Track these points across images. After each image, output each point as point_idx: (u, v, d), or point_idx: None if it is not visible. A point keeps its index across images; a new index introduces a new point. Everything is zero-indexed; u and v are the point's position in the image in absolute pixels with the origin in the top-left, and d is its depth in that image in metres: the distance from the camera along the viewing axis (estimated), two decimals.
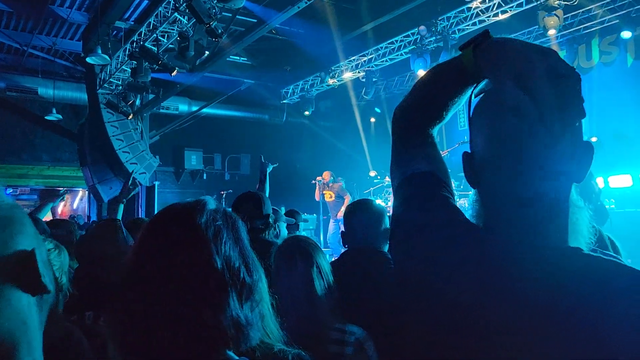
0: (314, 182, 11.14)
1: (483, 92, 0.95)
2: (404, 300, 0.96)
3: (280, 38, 11.45)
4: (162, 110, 13.28)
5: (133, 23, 10.37)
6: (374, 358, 1.87)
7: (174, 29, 8.55)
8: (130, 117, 11.16)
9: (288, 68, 12.21)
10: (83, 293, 1.98)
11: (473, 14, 8.93)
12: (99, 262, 2.12)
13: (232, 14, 8.53)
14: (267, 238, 2.77)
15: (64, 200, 15.28)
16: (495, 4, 8.55)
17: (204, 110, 13.63)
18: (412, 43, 10.18)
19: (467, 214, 0.96)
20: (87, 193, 15.17)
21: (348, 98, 13.63)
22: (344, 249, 2.65)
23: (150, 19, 8.63)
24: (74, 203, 18.82)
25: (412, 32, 9.93)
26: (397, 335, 1.65)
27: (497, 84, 0.87)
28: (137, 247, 1.02)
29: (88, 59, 9.21)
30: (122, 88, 10.87)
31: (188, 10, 7.43)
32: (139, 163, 10.84)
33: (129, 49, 9.44)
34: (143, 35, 8.96)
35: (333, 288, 1.95)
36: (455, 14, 9.09)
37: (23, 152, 13.53)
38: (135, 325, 0.92)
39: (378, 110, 13.69)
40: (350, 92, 13.27)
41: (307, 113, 13.87)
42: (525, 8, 8.43)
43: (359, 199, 2.82)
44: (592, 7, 8.94)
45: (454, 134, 11.16)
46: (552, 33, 8.70)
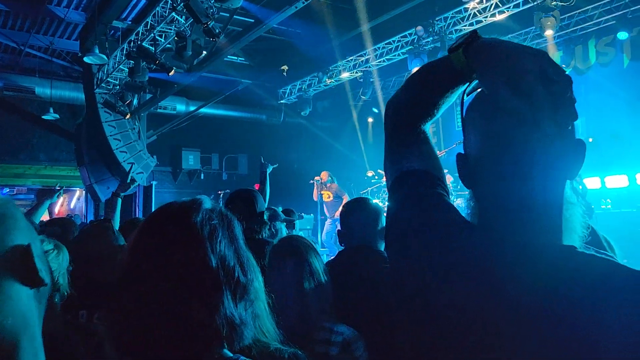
0: (312, 182, 11.15)
1: (475, 91, 0.95)
2: (399, 300, 0.96)
3: (278, 38, 11.44)
4: (159, 110, 13.26)
5: (130, 23, 10.36)
6: (363, 359, 1.83)
7: (172, 29, 8.54)
8: (128, 116, 11.14)
9: (285, 70, 12.19)
10: (79, 292, 1.98)
11: (470, 15, 8.95)
12: (95, 261, 2.11)
13: (229, 14, 8.53)
14: (262, 237, 2.73)
15: (61, 197, 15.23)
16: (492, 5, 8.57)
17: (202, 110, 13.61)
18: (409, 43, 10.20)
19: (463, 213, 0.96)
20: (84, 193, 15.13)
21: (345, 98, 13.64)
22: (341, 249, 2.65)
23: (148, 19, 8.62)
24: (71, 203, 18.78)
25: (409, 32, 9.95)
26: (391, 335, 1.66)
27: (489, 87, 0.87)
28: (132, 246, 1.02)
29: (85, 59, 9.19)
30: (119, 88, 10.85)
31: (185, 10, 7.43)
32: (137, 163, 10.82)
33: (127, 49, 9.43)
34: (140, 35, 8.95)
35: (325, 287, 1.93)
36: (453, 15, 9.11)
37: (20, 151, 13.50)
38: (132, 325, 0.93)
39: (376, 110, 13.69)
40: (348, 92, 13.28)
41: (304, 113, 13.88)
42: (522, 9, 8.45)
43: (355, 198, 2.82)
44: (588, 8, 8.97)
45: (451, 134, 11.17)
46: (549, 34, 8.73)
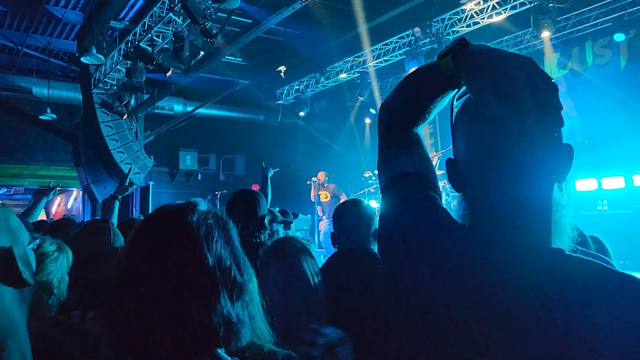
0: (309, 182, 11.16)
1: (464, 96, 0.96)
2: (392, 303, 0.97)
3: (276, 39, 11.45)
4: (157, 111, 13.24)
5: (128, 23, 10.35)
6: None
7: (169, 29, 8.54)
8: (125, 117, 11.13)
9: (282, 72, 12.19)
10: (75, 292, 1.97)
11: (467, 16, 8.97)
12: (92, 261, 2.10)
13: (227, 15, 8.53)
14: (258, 241, 2.70)
15: (57, 194, 15.19)
16: (490, 6, 8.59)
17: (199, 111, 13.61)
18: (406, 45, 10.21)
19: (453, 213, 0.97)
20: (81, 193, 15.11)
21: (343, 99, 13.65)
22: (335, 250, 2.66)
23: (145, 19, 8.62)
24: (68, 203, 18.74)
25: (406, 33, 9.96)
26: (385, 338, 1.66)
27: (476, 94, 0.88)
28: (129, 247, 1.03)
29: (83, 59, 9.17)
30: (116, 88, 10.84)
31: (183, 11, 7.43)
32: (134, 163, 10.81)
33: (124, 49, 9.42)
34: (138, 35, 8.95)
35: (314, 290, 1.91)
36: (450, 16, 9.12)
37: (17, 151, 13.47)
38: (130, 325, 0.93)
39: (373, 111, 13.67)
40: (345, 93, 13.28)
41: (301, 114, 13.88)
42: (519, 10, 8.47)
43: (348, 199, 2.83)
44: (585, 9, 9.00)
45: (448, 136, 11.12)
46: (545, 35, 8.75)
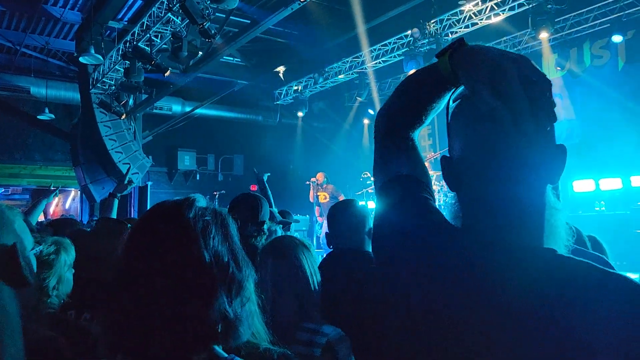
0: (308, 183, 11.18)
1: (460, 97, 0.98)
2: (387, 303, 0.97)
3: (274, 39, 11.45)
4: (155, 111, 13.23)
5: (126, 23, 10.34)
6: None
7: (167, 30, 8.53)
8: (123, 117, 11.12)
9: (281, 72, 12.20)
10: (79, 292, 1.96)
11: (466, 17, 8.98)
12: (103, 260, 2.08)
13: (225, 15, 8.53)
14: (257, 244, 2.69)
15: (57, 197, 15.18)
16: (488, 7, 8.60)
17: (198, 111, 13.60)
18: (405, 45, 10.22)
19: (446, 213, 0.98)
20: (79, 193, 15.08)
21: (341, 100, 13.66)
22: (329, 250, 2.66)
23: (144, 19, 8.61)
24: (66, 203, 18.72)
25: (405, 34, 9.97)
26: (380, 339, 1.66)
27: (472, 91, 0.90)
28: (126, 244, 1.02)
29: (81, 59, 9.17)
30: (115, 88, 10.83)
31: (181, 11, 7.43)
32: (132, 163, 10.80)
33: (122, 49, 9.42)
34: (136, 36, 8.94)
35: (313, 288, 1.91)
36: (448, 17, 9.13)
37: (15, 151, 13.45)
38: (128, 323, 0.93)
39: (372, 112, 13.68)
40: (344, 93, 13.29)
41: (300, 114, 13.88)
42: (518, 11, 8.49)
43: (342, 200, 2.83)
44: (583, 10, 9.01)
45: (446, 136, 11.15)
46: (543, 36, 8.77)
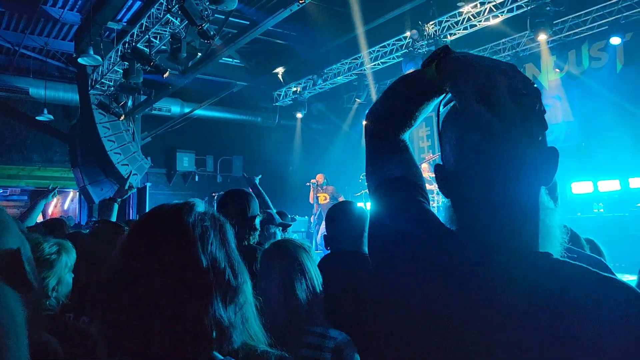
0: (309, 184, 11.20)
1: (450, 103, 0.97)
2: (384, 306, 0.98)
3: (273, 41, 11.46)
4: (154, 112, 13.22)
5: (125, 24, 10.35)
6: None
7: (167, 31, 8.54)
8: (122, 118, 11.12)
9: (280, 73, 12.20)
10: (78, 294, 1.96)
11: (464, 19, 8.99)
12: (101, 263, 2.08)
13: (224, 16, 8.54)
14: (252, 243, 2.69)
15: (55, 197, 15.18)
16: (486, 9, 8.62)
17: (196, 112, 13.59)
18: (404, 47, 10.23)
19: (440, 215, 0.99)
20: (77, 194, 15.08)
21: (340, 101, 13.66)
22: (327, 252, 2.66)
23: (143, 20, 8.62)
24: (65, 204, 18.71)
25: (404, 36, 9.98)
26: (378, 342, 1.66)
27: (461, 101, 0.90)
28: (124, 246, 1.03)
29: (80, 60, 9.17)
30: (113, 89, 10.82)
31: (180, 12, 7.43)
32: (131, 164, 10.80)
33: (121, 50, 9.42)
34: (135, 37, 8.95)
35: (317, 291, 1.91)
36: (447, 19, 9.14)
37: (14, 152, 13.44)
38: (125, 325, 0.93)
39: None
40: (343, 95, 13.29)
41: (299, 115, 13.89)
42: (516, 13, 8.51)
43: (340, 202, 2.82)
44: (581, 13, 9.04)
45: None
46: (542, 38, 8.79)
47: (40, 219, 8.28)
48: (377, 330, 1.80)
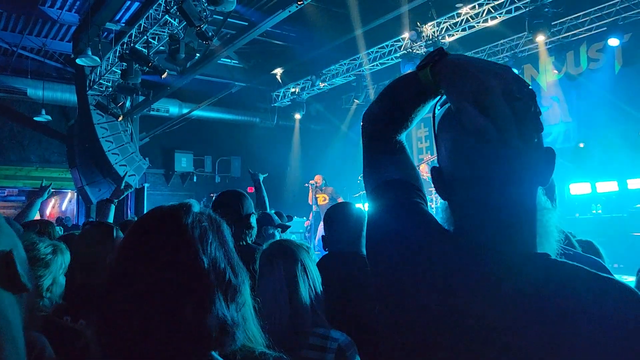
0: (307, 185, 11.21)
1: (446, 104, 0.97)
2: (382, 307, 0.98)
3: (272, 41, 11.46)
4: (152, 112, 13.22)
5: (124, 25, 10.34)
6: None
7: (165, 31, 8.54)
8: (120, 118, 11.11)
9: (278, 74, 12.21)
10: (71, 298, 1.95)
11: (463, 20, 9.00)
12: (92, 265, 2.08)
13: (223, 17, 8.54)
14: (249, 242, 2.69)
15: (51, 195, 15.15)
16: (485, 11, 8.63)
17: (195, 113, 13.59)
18: (402, 48, 10.24)
19: (438, 216, 0.99)
20: (75, 195, 15.07)
21: (339, 102, 13.67)
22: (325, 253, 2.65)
23: (141, 21, 8.61)
24: (63, 205, 18.69)
25: (402, 37, 9.99)
26: (377, 342, 1.66)
27: (456, 105, 0.90)
28: (122, 248, 1.02)
29: (78, 60, 9.17)
30: (112, 90, 10.82)
31: (179, 13, 7.43)
32: (129, 165, 10.79)
33: (120, 51, 9.41)
34: (133, 37, 8.94)
35: (318, 292, 1.91)
36: (445, 20, 9.15)
37: (11, 153, 13.42)
38: (126, 327, 0.93)
39: None
40: (341, 96, 13.31)
41: (297, 116, 13.89)
42: (514, 15, 8.52)
43: (338, 203, 2.82)
44: (580, 14, 9.06)
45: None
46: (540, 39, 8.80)
47: (38, 218, 8.26)
48: (374, 331, 1.81)
